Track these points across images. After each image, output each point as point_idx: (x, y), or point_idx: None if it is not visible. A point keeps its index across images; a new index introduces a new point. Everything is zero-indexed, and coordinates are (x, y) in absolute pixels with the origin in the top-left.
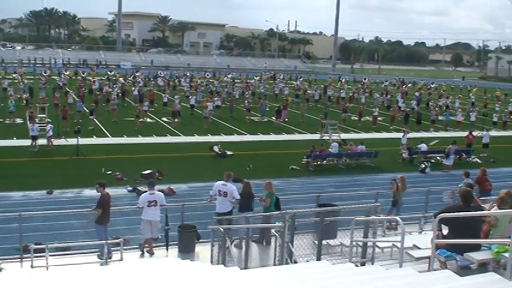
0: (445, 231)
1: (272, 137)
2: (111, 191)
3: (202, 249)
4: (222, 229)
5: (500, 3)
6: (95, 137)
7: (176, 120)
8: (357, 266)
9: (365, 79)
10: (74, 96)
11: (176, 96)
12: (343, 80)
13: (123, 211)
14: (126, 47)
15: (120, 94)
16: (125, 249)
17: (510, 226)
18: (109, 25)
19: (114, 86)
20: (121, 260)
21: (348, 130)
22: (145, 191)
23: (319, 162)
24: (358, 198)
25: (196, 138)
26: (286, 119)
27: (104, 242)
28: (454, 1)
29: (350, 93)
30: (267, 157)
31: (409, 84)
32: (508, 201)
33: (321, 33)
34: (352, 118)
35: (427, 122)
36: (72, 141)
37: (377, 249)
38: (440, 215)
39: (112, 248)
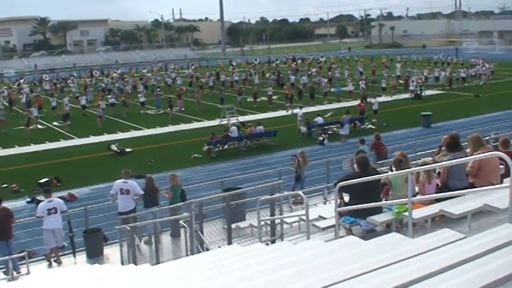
0: (347, 198)
1: (170, 128)
2: (9, 204)
3: (112, 251)
4: (128, 227)
5: None
6: None
7: (68, 123)
8: (267, 244)
9: (256, 60)
10: None
11: (65, 98)
12: (234, 64)
13: (25, 223)
14: (7, 54)
15: (7, 104)
16: (32, 262)
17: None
18: None
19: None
20: (28, 273)
21: (245, 112)
22: (43, 200)
23: (220, 148)
24: (262, 178)
25: (92, 139)
26: (183, 109)
27: (7, 257)
28: None
29: (243, 76)
30: (168, 149)
31: (299, 61)
32: (403, 161)
33: (206, 19)
34: (248, 100)
35: (320, 96)
36: None
37: (285, 226)
38: (340, 183)
39: (18, 262)
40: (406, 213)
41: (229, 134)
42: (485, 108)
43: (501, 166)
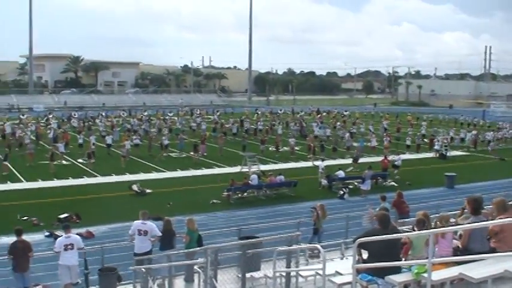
0: (365, 255)
1: (191, 173)
2: (28, 237)
3: None
4: (143, 269)
5: (409, 30)
6: (9, 182)
7: (92, 160)
8: None
9: (281, 110)
10: None
11: (91, 137)
12: (259, 112)
13: (42, 257)
14: (38, 90)
15: (34, 138)
16: None
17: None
18: (20, 68)
19: (27, 129)
20: None
21: (266, 161)
22: (62, 236)
23: (240, 195)
24: (280, 229)
25: (114, 178)
26: (205, 154)
27: None
28: (367, 31)
29: (267, 125)
30: (187, 193)
31: (324, 113)
32: (426, 222)
33: (235, 67)
34: (270, 149)
35: (343, 149)
36: None
37: (300, 279)
38: (359, 239)
39: None
40: (425, 275)
41: (250, 181)
42: (510, 172)
43: None
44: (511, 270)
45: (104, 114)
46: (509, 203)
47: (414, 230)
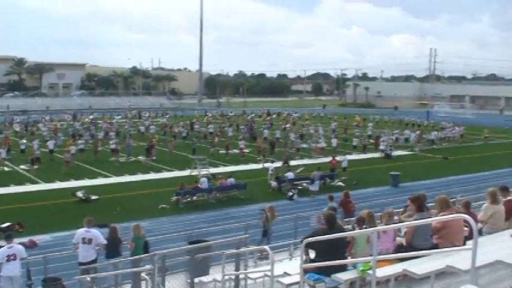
0: (313, 255)
1: (140, 177)
2: None
3: None
4: (88, 278)
5: (358, 33)
6: None
7: (35, 167)
8: None
9: (231, 113)
10: None
11: (34, 142)
12: (209, 115)
13: None
14: None
15: None
16: None
17: (369, 244)
18: None
19: None
20: None
21: (216, 164)
22: (4, 246)
23: (189, 199)
24: (229, 232)
25: (58, 185)
26: (154, 157)
27: None
28: (317, 34)
29: (218, 128)
30: (135, 198)
31: (274, 115)
32: (365, 219)
33: (185, 69)
34: (220, 152)
35: (292, 151)
36: None
37: (249, 281)
38: (306, 239)
39: None
40: (371, 272)
41: (199, 185)
42: (453, 170)
43: (465, 228)
44: (453, 265)
45: (47, 118)
46: (452, 200)
47: (355, 229)
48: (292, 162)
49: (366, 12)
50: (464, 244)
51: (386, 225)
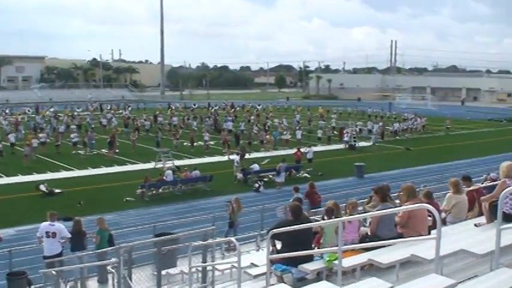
0: (279, 246)
1: (103, 170)
2: None
3: None
4: (54, 272)
5: (320, 25)
6: None
7: None
8: None
9: (194, 105)
10: None
11: None
12: (173, 107)
13: None
14: None
15: None
16: None
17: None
18: None
19: None
20: None
21: (181, 157)
22: None
23: (154, 192)
24: (195, 224)
25: (21, 178)
26: (117, 150)
27: None
28: (278, 26)
29: (181, 120)
30: (99, 191)
31: (237, 108)
32: (334, 210)
33: (147, 61)
34: (185, 144)
35: (257, 142)
36: None
37: (217, 273)
38: (272, 230)
39: None
40: (337, 262)
41: (164, 177)
42: (416, 161)
43: (429, 218)
44: (417, 254)
45: (7, 111)
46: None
47: (324, 219)
48: (257, 154)
49: (327, 4)
50: (429, 233)
51: (350, 215)
